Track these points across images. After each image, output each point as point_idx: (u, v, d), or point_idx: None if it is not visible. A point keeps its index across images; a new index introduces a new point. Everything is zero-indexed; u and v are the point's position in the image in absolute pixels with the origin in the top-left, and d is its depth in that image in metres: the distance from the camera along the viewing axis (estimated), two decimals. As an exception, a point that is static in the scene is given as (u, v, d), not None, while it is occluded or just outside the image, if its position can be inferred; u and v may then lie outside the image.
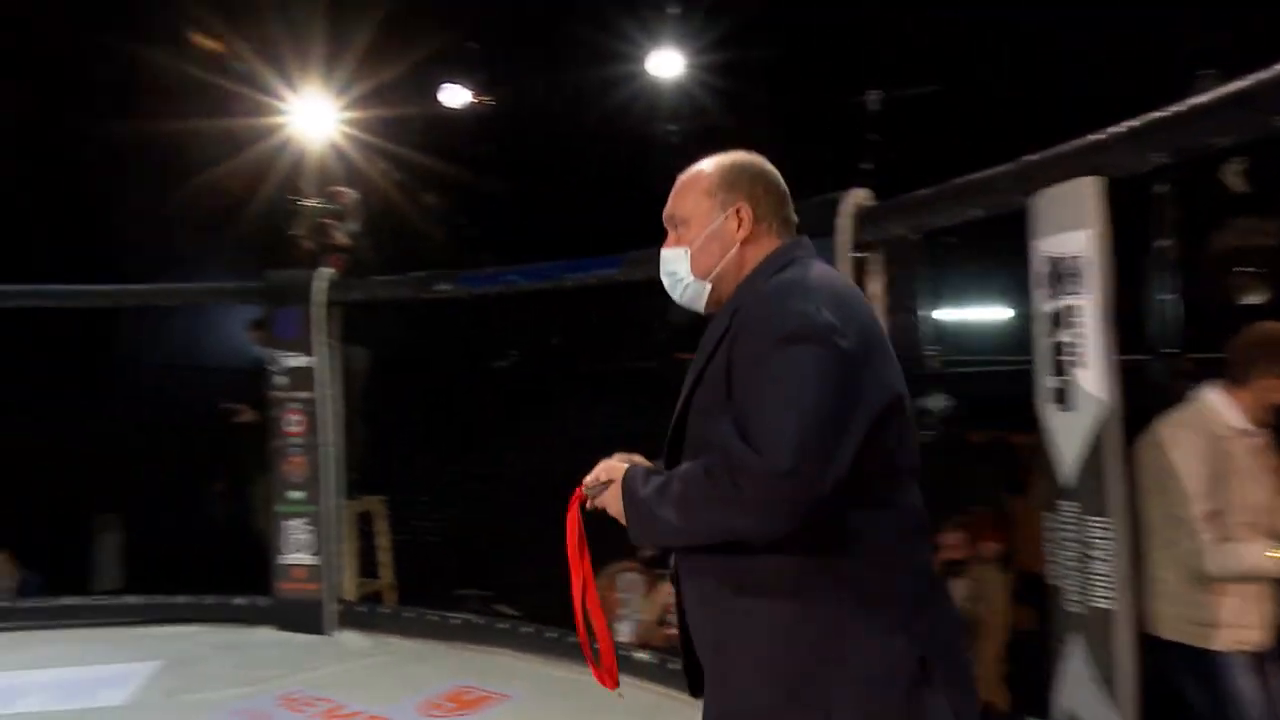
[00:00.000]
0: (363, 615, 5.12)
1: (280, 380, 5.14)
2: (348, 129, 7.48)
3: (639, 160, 6.98)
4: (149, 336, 7.64)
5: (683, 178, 1.69)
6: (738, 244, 1.61)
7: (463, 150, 7.78)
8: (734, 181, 1.63)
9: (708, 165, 1.67)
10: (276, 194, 7.25)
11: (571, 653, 4.60)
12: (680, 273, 1.66)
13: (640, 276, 4.16)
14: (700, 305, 1.68)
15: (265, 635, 5.04)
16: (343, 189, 6.05)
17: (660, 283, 1.72)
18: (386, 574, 5.55)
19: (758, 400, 1.40)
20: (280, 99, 7.24)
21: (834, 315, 1.42)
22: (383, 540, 5.56)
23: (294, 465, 5.07)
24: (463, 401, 6.28)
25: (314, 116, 7.38)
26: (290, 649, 4.83)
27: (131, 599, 5.60)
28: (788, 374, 1.38)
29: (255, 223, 7.27)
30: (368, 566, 5.51)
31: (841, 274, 1.76)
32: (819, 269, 1.58)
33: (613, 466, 1.62)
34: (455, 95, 7.48)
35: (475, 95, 7.48)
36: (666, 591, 5.20)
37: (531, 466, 5.54)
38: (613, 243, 4.50)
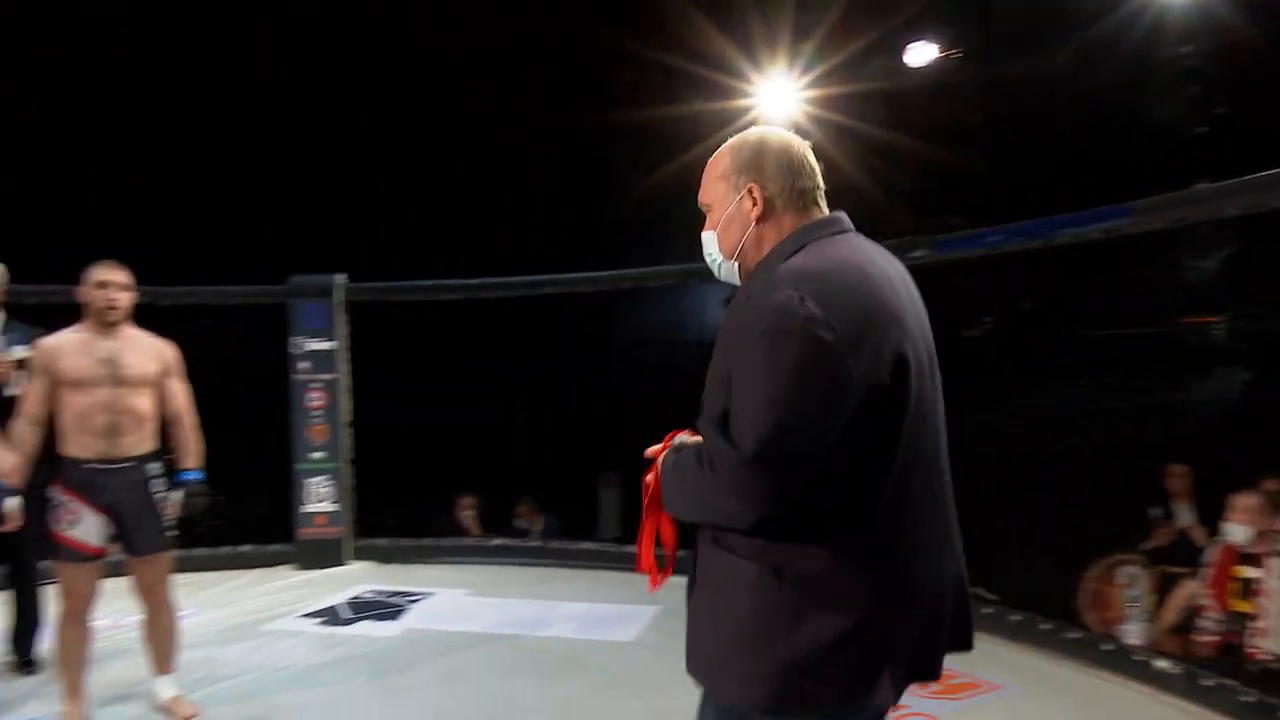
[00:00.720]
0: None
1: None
2: (810, 106, 7.58)
3: (1137, 93, 6.06)
4: (642, 315, 8.53)
5: (708, 164, 1.73)
6: (754, 223, 1.65)
7: (928, 113, 7.45)
8: (745, 164, 1.66)
9: (724, 149, 1.71)
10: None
11: (1070, 648, 4.17)
12: (714, 254, 1.73)
13: (1159, 225, 3.57)
14: (737, 281, 1.73)
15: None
16: None
17: (1169, 233, 1.53)
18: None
19: (738, 391, 1.46)
20: (747, 81, 7.55)
21: (818, 305, 1.42)
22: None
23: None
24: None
25: (777, 96, 7.59)
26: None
27: (630, 548, 6.27)
28: (762, 367, 1.42)
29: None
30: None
31: (862, 251, 1.58)
32: (828, 251, 1.56)
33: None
34: (921, 53, 7.16)
35: (942, 50, 7.09)
36: (1187, 593, 4.50)
37: (1007, 440, 5.12)
38: (1094, 192, 3.95)
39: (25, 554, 4.18)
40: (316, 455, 6.31)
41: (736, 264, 1.70)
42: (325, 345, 6.34)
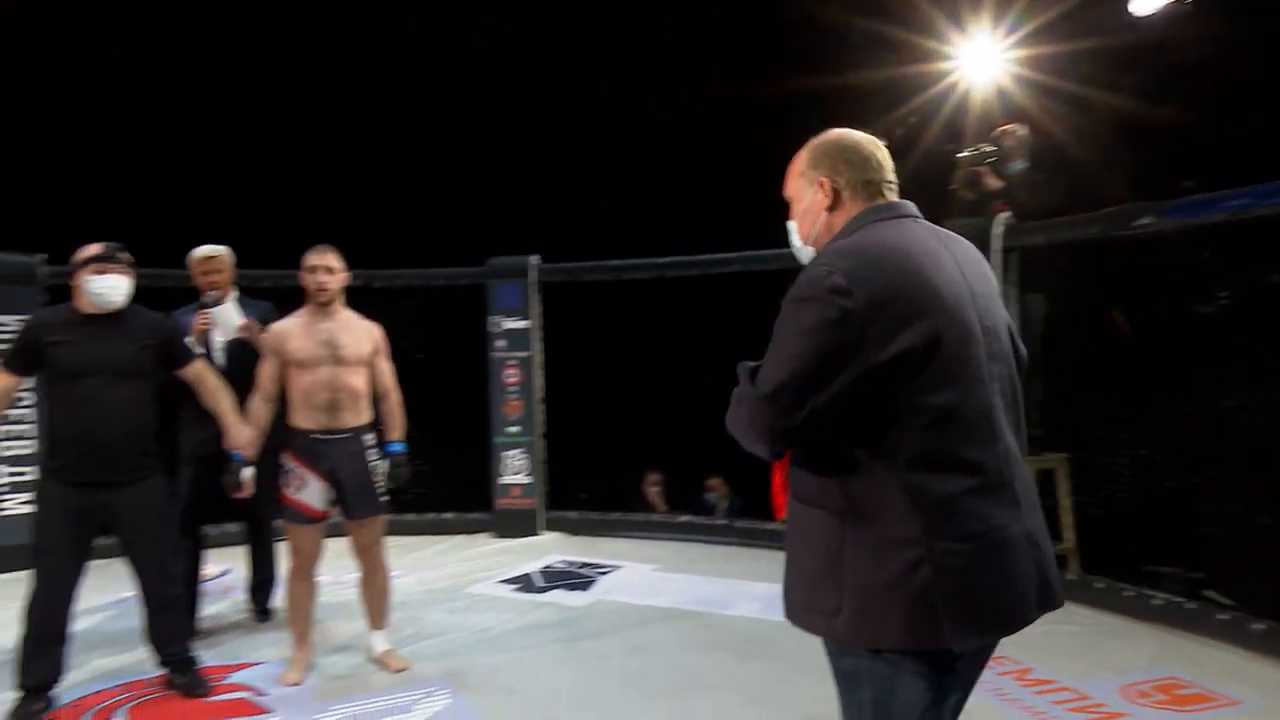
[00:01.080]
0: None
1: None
2: (1016, 67, 7.03)
3: None
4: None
5: (791, 162, 1.90)
6: (824, 213, 1.83)
7: (1155, 68, 6.73)
8: (817, 159, 1.85)
9: (803, 148, 1.89)
10: (937, 143, 7.18)
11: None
12: (796, 243, 1.93)
13: None
14: None
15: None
16: (1010, 127, 5.69)
17: None
18: (1069, 537, 5.14)
19: (770, 346, 1.67)
20: (948, 43, 7.10)
21: (845, 277, 1.60)
22: (1065, 501, 5.16)
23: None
24: (1161, 353, 5.46)
25: (980, 58, 7.10)
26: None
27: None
28: (788, 326, 1.64)
29: (920, 173, 7.32)
30: (1049, 528, 5.15)
31: (913, 234, 1.73)
32: (874, 233, 1.73)
33: None
34: (1149, 0, 6.47)
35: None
36: None
37: (1252, 429, 4.56)
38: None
39: (261, 515, 4.62)
40: (512, 429, 6.60)
41: (813, 249, 1.87)
42: (520, 324, 6.60)
